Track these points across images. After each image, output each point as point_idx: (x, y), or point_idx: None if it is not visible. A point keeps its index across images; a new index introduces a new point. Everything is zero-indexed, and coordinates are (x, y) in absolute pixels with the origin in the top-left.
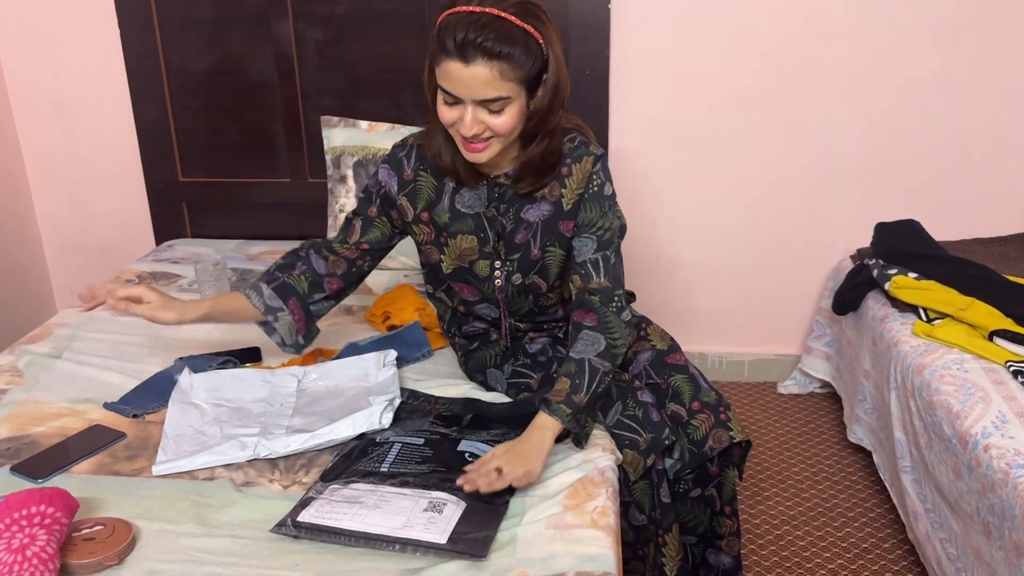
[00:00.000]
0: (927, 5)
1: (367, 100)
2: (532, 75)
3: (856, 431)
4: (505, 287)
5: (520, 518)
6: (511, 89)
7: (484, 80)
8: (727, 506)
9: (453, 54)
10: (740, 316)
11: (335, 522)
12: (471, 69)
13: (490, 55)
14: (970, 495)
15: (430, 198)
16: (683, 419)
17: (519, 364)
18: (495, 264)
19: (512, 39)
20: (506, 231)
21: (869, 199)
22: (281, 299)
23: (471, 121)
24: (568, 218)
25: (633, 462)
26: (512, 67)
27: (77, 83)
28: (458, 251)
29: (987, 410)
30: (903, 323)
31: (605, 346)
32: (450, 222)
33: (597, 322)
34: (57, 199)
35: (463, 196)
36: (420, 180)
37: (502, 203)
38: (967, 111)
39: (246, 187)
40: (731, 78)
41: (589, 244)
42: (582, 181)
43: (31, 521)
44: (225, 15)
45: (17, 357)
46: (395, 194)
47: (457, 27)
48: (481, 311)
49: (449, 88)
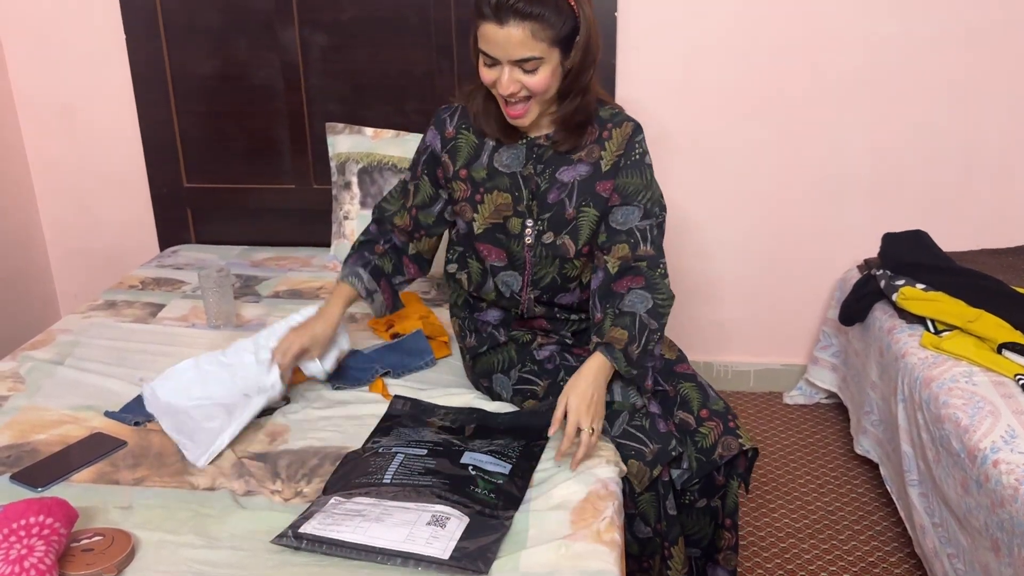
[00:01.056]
0: (935, 17)
1: (372, 107)
2: (564, 35)
3: (863, 443)
4: (535, 245)
5: (524, 533)
6: (543, 49)
7: (517, 40)
8: (728, 519)
9: (489, 16)
10: (746, 326)
11: (337, 534)
12: (505, 30)
13: (522, 16)
14: (979, 510)
15: (470, 155)
16: (691, 427)
17: (526, 371)
18: (526, 222)
19: (543, 1)
20: (540, 190)
21: (876, 209)
22: (375, 281)
23: (508, 80)
24: (606, 179)
25: (639, 473)
26: (543, 27)
27: (83, 89)
28: (493, 207)
29: (996, 424)
30: (911, 335)
31: (653, 304)
32: (487, 178)
33: (645, 283)
34: (62, 204)
35: (501, 155)
36: (461, 138)
37: (539, 163)
38: (976, 121)
39: (250, 193)
40: (738, 89)
41: (636, 212)
42: (622, 144)
43: (29, 532)
44: (231, 22)
45: (19, 363)
46: (439, 151)
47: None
48: (505, 280)
49: (487, 50)
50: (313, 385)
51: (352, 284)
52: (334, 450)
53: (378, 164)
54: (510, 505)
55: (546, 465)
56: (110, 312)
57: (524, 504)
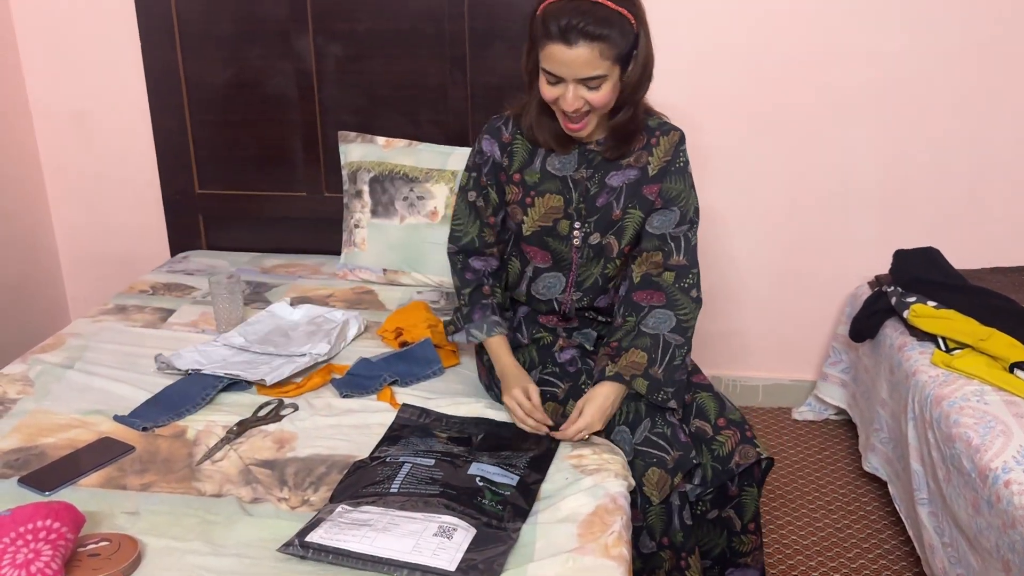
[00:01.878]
0: (947, 33)
1: (385, 117)
2: (625, 52)
3: (872, 460)
4: (582, 247)
5: (532, 546)
6: (607, 67)
7: (585, 60)
8: (751, 523)
9: (557, 38)
10: (755, 340)
11: (343, 543)
12: (574, 51)
13: (590, 37)
14: (990, 531)
15: (524, 159)
16: (708, 435)
17: (547, 372)
18: (575, 224)
19: (609, 22)
20: (589, 193)
21: (888, 225)
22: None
23: (573, 97)
24: (653, 182)
25: (660, 481)
26: (609, 47)
27: (97, 95)
28: (544, 209)
29: (1008, 444)
30: (921, 352)
31: (676, 322)
32: (539, 181)
33: (666, 301)
34: (74, 209)
35: (553, 160)
36: (516, 143)
37: (590, 168)
38: (988, 139)
39: (262, 200)
40: (749, 104)
41: (672, 216)
42: (669, 150)
43: (36, 536)
44: (246, 30)
45: (29, 366)
46: (500, 157)
47: (560, 14)
48: (547, 282)
49: (552, 69)
50: (321, 393)
51: (501, 334)
52: (341, 458)
53: (389, 173)
54: (517, 517)
55: (554, 478)
56: (120, 316)
57: (531, 516)
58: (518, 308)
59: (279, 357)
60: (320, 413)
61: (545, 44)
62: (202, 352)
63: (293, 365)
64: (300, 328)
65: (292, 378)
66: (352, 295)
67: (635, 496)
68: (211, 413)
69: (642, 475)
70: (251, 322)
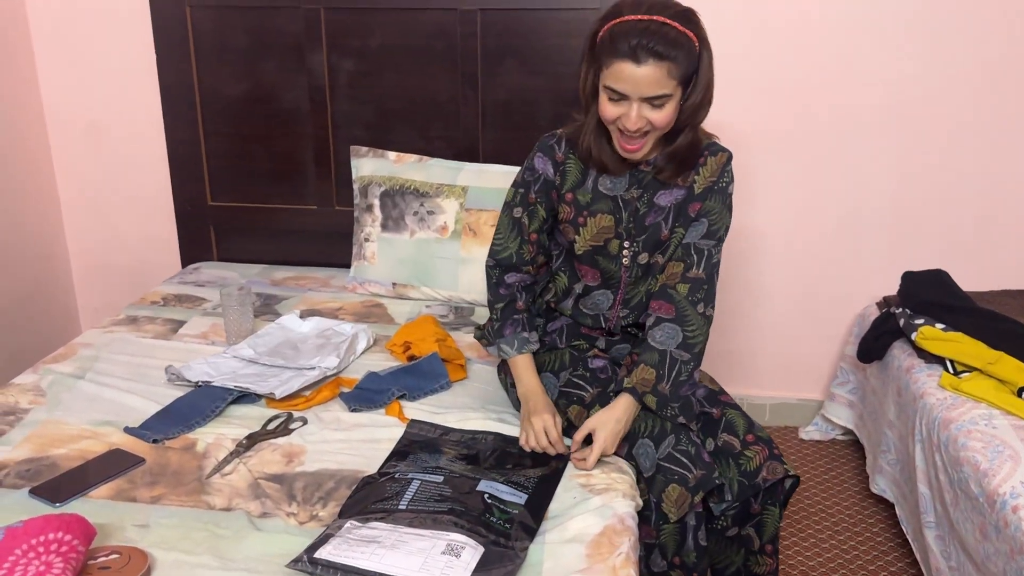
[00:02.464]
0: (959, 57)
1: (397, 132)
2: (688, 74)
3: (879, 482)
4: (631, 266)
5: (540, 566)
6: (672, 87)
7: (653, 79)
8: (768, 544)
9: (626, 56)
10: (763, 359)
11: (352, 560)
12: (642, 69)
13: (659, 57)
14: (997, 556)
15: (576, 179)
16: (736, 450)
17: (577, 375)
18: (624, 243)
19: (677, 43)
20: (639, 213)
21: (897, 247)
22: (535, 332)
23: (636, 116)
24: (696, 200)
25: (680, 499)
26: (676, 67)
27: (112, 106)
28: (596, 229)
29: (1016, 469)
30: (929, 375)
31: (683, 338)
32: (591, 201)
33: (675, 315)
34: (86, 220)
35: (604, 180)
36: (569, 163)
37: (640, 188)
38: (998, 162)
39: (273, 213)
40: (762, 123)
41: (700, 228)
42: (716, 171)
43: (48, 548)
44: (260, 44)
45: (40, 376)
46: (552, 175)
47: (630, 33)
48: (596, 300)
49: (617, 87)
50: (330, 407)
51: (530, 351)
52: (350, 473)
53: (400, 188)
54: (525, 536)
55: (562, 497)
56: (131, 327)
57: (539, 536)
58: (560, 318)
59: (288, 370)
60: (329, 427)
61: (612, 62)
62: (212, 364)
63: (303, 379)
64: (309, 341)
65: (301, 391)
66: (361, 308)
67: (649, 513)
68: (221, 426)
69: (662, 491)
70: (261, 334)
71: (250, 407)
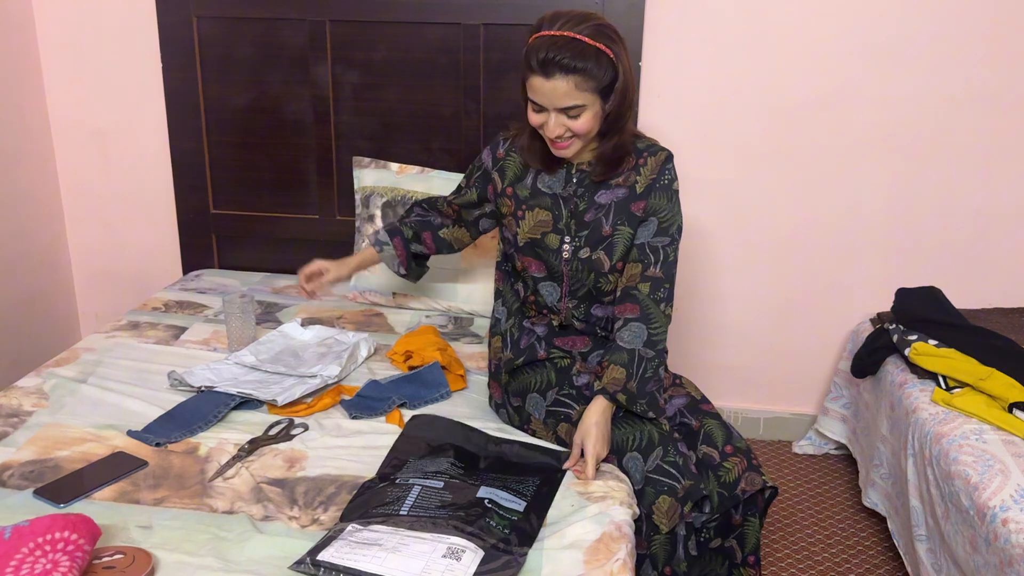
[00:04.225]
0: (954, 77)
1: (399, 144)
2: (605, 84)
3: (871, 496)
4: (571, 260)
5: (538, 571)
6: (586, 98)
7: (562, 91)
8: (751, 555)
9: (537, 70)
10: (757, 373)
11: (354, 563)
12: (551, 83)
13: (567, 70)
14: (987, 569)
15: (516, 174)
16: (715, 461)
17: (564, 394)
18: (564, 238)
19: (585, 56)
20: (578, 210)
21: (891, 263)
22: (389, 237)
23: (554, 125)
24: (640, 199)
25: (670, 510)
26: (586, 79)
27: (117, 114)
28: (533, 223)
29: (1006, 483)
30: (922, 390)
31: (647, 336)
32: (530, 196)
33: (640, 313)
34: (89, 226)
35: (544, 178)
36: (509, 159)
37: (580, 187)
38: (991, 180)
39: (275, 222)
40: (758, 138)
41: (650, 227)
42: (655, 169)
43: (55, 547)
44: (266, 56)
45: (44, 380)
46: (490, 168)
47: (540, 48)
48: (544, 291)
49: (535, 99)
50: (331, 414)
51: (375, 249)
52: (351, 479)
53: (402, 198)
54: (524, 542)
55: (560, 504)
56: (133, 333)
57: (538, 542)
58: (537, 325)
59: (290, 377)
60: (330, 433)
61: (528, 75)
62: (214, 370)
63: (304, 386)
64: (311, 349)
65: (303, 398)
66: (362, 317)
67: (639, 524)
68: (223, 431)
69: (652, 503)
70: (262, 341)
71: (252, 413)
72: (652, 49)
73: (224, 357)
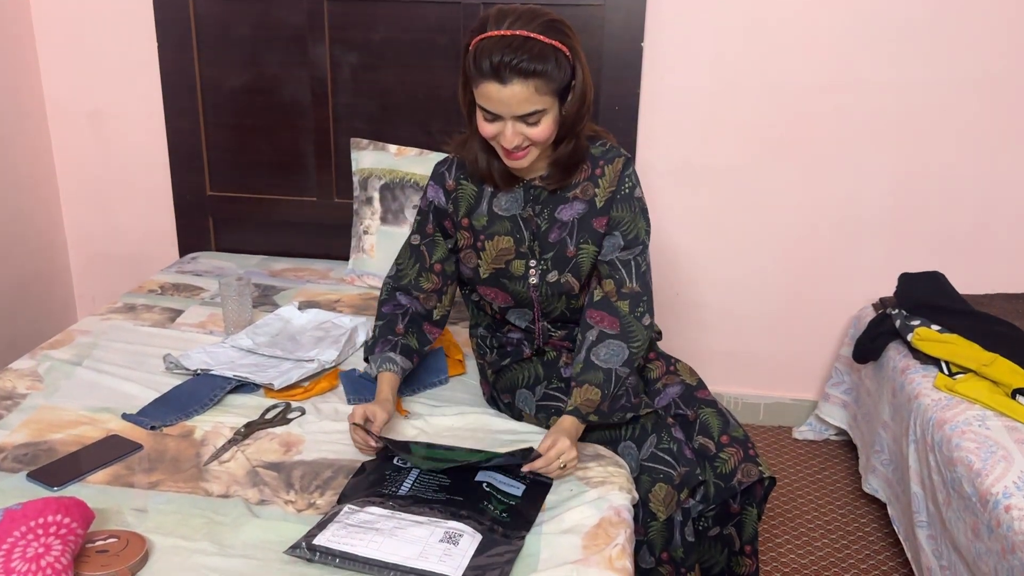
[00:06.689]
0: (957, 60)
1: (398, 125)
2: (563, 85)
3: (871, 482)
4: (540, 285)
5: (536, 556)
6: (546, 102)
7: (522, 98)
8: (747, 545)
9: (490, 76)
10: (758, 359)
11: (350, 547)
12: (509, 89)
13: (525, 74)
14: (988, 556)
15: (470, 204)
16: (711, 452)
17: (552, 387)
18: (530, 263)
19: (543, 57)
20: (540, 231)
21: (894, 249)
22: (408, 359)
23: (512, 134)
24: (601, 214)
25: (666, 497)
26: (545, 82)
27: (113, 96)
28: (495, 252)
29: (1009, 469)
30: (924, 375)
31: (628, 355)
32: (488, 224)
33: (620, 330)
34: (85, 208)
35: (500, 200)
36: (461, 188)
37: (537, 204)
38: (995, 165)
39: (272, 204)
40: (761, 125)
41: (615, 241)
42: (614, 180)
43: (47, 530)
44: (263, 36)
45: (38, 362)
46: (444, 204)
47: (492, 51)
48: (513, 319)
49: (488, 107)
50: (328, 398)
51: (391, 371)
52: (347, 463)
53: (400, 181)
54: (522, 526)
55: (559, 489)
56: (129, 315)
57: (536, 527)
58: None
59: (287, 361)
60: (327, 418)
61: (479, 82)
62: (210, 353)
63: (301, 370)
64: (308, 333)
65: (299, 382)
66: (359, 301)
67: (636, 510)
68: (219, 414)
69: (648, 491)
70: (259, 325)
71: (248, 396)
72: (654, 33)
73: (220, 340)
